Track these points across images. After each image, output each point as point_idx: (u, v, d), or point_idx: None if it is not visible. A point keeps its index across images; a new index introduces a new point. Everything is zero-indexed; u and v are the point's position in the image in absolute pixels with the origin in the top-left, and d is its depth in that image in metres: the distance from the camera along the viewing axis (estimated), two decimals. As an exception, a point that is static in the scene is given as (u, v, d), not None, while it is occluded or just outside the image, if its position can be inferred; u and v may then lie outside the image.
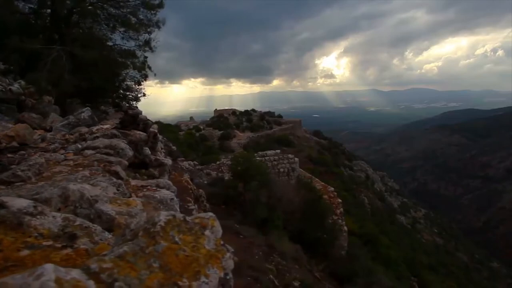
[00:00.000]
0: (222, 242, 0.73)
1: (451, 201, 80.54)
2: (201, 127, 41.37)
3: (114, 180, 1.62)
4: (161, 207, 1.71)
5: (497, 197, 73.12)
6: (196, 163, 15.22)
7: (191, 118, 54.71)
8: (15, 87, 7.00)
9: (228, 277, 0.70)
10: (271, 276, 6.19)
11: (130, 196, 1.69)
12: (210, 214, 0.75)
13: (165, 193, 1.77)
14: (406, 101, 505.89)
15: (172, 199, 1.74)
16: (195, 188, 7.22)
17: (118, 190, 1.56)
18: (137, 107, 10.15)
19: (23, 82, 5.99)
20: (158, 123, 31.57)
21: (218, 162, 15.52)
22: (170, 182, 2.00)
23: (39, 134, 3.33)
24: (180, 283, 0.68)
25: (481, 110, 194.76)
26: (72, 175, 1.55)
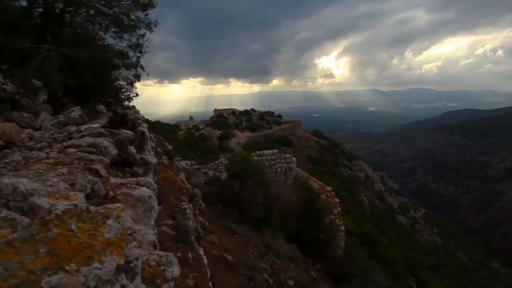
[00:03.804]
0: (129, 232, 0.74)
1: (451, 201, 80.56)
2: (201, 126, 41.46)
3: (90, 177, 1.62)
4: (139, 204, 1.71)
5: (497, 197, 73.15)
6: (194, 162, 15.21)
7: (191, 117, 54.81)
8: (10, 86, 7.01)
9: (132, 265, 0.72)
10: (265, 275, 6.19)
11: (107, 194, 1.68)
12: (118, 205, 0.76)
13: (144, 191, 1.77)
14: (406, 101, 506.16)
15: (150, 196, 1.74)
16: (190, 187, 7.22)
17: (93, 187, 1.55)
18: (134, 107, 10.13)
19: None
20: (157, 122, 31.62)
21: (216, 162, 15.47)
22: (151, 180, 2.00)
23: (27, 133, 3.32)
24: (67, 267, 0.70)
25: (481, 110, 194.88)
26: (25, 171, 1.55)
